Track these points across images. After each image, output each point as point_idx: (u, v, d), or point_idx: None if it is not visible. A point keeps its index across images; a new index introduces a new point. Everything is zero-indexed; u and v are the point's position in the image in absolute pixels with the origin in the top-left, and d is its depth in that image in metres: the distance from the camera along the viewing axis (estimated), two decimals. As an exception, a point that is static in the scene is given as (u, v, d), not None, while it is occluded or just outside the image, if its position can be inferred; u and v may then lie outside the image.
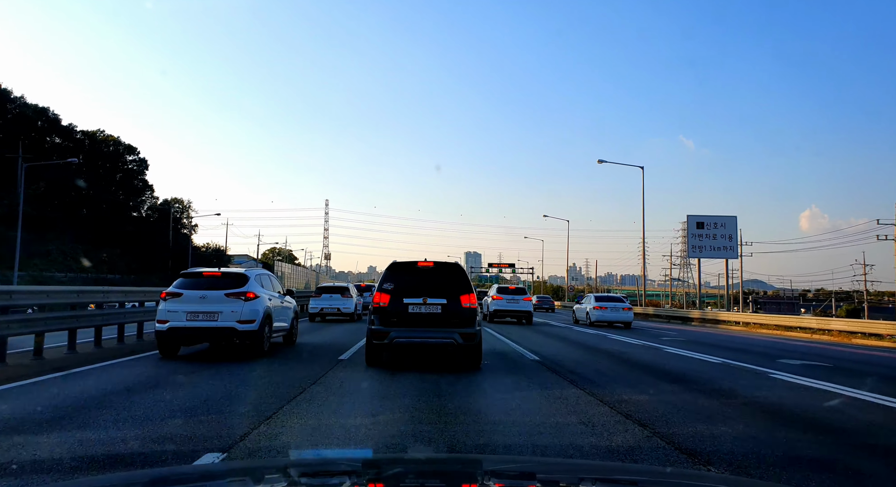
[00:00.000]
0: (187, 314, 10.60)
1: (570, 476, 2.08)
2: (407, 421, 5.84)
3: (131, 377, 8.52)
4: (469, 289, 9.91)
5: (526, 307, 26.02)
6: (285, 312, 12.96)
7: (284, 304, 13.00)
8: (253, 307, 10.96)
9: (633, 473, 2.54)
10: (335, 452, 4.86)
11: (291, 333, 13.48)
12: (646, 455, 4.79)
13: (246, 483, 1.93)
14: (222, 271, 11.54)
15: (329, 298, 24.31)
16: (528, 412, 6.35)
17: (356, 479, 1.88)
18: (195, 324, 10.57)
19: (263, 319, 11.12)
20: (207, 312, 10.65)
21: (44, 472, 4.14)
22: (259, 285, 11.61)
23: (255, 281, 11.46)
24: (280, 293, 12.96)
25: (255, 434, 5.14)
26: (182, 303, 10.68)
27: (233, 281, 11.21)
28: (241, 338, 10.78)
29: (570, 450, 4.89)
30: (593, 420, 5.99)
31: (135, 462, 4.34)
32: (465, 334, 9.54)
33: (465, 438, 5.20)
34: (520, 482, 1.96)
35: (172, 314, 10.61)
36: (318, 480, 1.94)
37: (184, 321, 10.56)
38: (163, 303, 10.83)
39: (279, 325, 12.40)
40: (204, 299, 10.73)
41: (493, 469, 2.14)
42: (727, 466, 4.54)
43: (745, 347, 17.18)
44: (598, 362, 11.80)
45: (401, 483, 1.81)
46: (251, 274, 11.55)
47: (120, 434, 5.10)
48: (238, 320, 10.73)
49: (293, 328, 13.57)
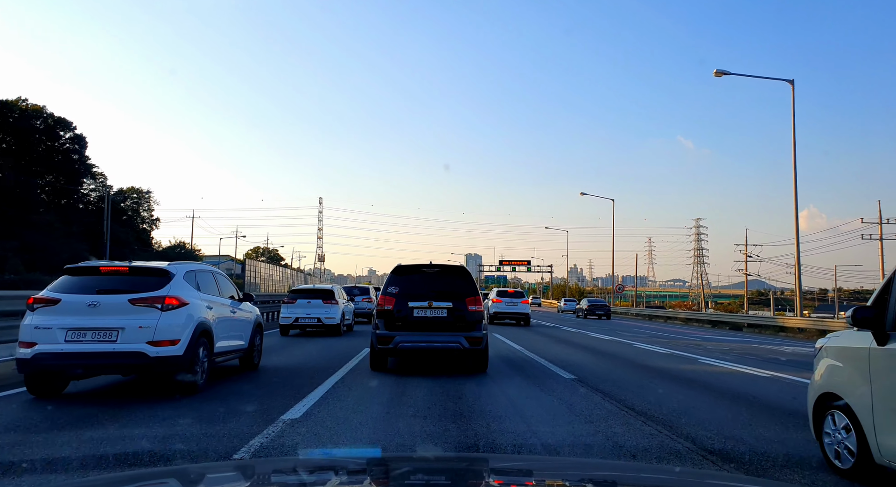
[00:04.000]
0: (67, 331, 6.97)
1: (577, 475, 2.12)
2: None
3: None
4: (475, 292, 9.91)
5: (524, 309, 27.18)
6: (239, 325, 9.64)
7: (239, 314, 9.65)
8: (175, 319, 7.39)
9: (640, 471, 2.64)
10: (344, 451, 5.01)
11: (251, 353, 10.07)
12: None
13: (255, 482, 1.96)
14: (131, 266, 7.86)
15: (306, 305, 18.53)
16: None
17: (364, 477, 1.95)
18: (79, 348, 6.93)
19: (195, 338, 7.58)
20: (100, 329, 7.02)
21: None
22: (191, 286, 8.05)
23: (182, 280, 7.88)
24: (235, 299, 9.72)
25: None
26: (60, 314, 7.05)
27: (146, 281, 7.62)
28: (157, 368, 7.22)
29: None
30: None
31: None
32: (471, 338, 9.50)
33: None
34: (528, 480, 1.98)
35: (42, 332, 6.95)
36: (326, 477, 1.97)
37: (60, 344, 6.92)
38: (29, 315, 7.16)
39: (228, 345, 9.04)
40: (96, 307, 7.11)
41: (501, 468, 2.20)
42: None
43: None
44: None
45: (408, 481, 1.86)
46: (177, 270, 7.96)
47: None
48: (150, 340, 7.14)
49: (253, 347, 10.12)
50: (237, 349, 9.52)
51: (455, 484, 1.90)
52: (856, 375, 4.61)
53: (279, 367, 10.84)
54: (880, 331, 4.35)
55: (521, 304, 27.25)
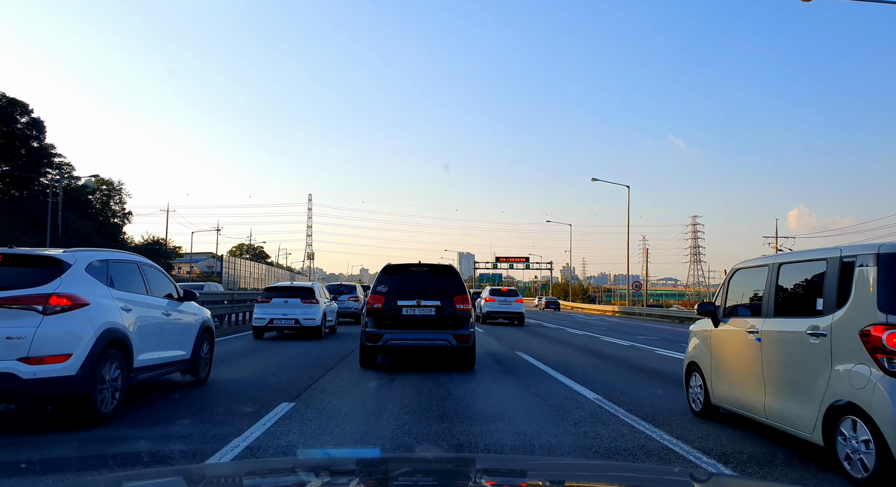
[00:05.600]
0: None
1: (573, 476, 2.18)
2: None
3: None
4: (463, 291, 10.21)
5: (518, 308, 26.44)
6: (176, 331, 7.79)
7: (176, 317, 7.78)
8: (65, 325, 5.44)
9: (629, 471, 2.73)
10: (343, 451, 5.05)
11: (195, 365, 8.19)
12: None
13: (254, 483, 2.01)
14: (6, 253, 5.82)
15: (283, 304, 16.51)
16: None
17: (363, 477, 1.98)
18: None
19: (97, 350, 5.63)
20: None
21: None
22: (97, 280, 6.11)
23: (83, 273, 5.94)
24: (175, 298, 7.95)
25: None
26: None
27: (27, 273, 5.67)
28: (34, 392, 5.30)
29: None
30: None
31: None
32: (458, 336, 9.76)
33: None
34: (524, 481, 2.02)
35: None
36: (324, 476, 1.98)
37: None
38: None
39: (158, 357, 7.14)
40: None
41: (497, 469, 2.25)
42: None
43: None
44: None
45: (407, 481, 1.89)
46: (76, 259, 5.97)
47: None
48: (23, 356, 5.17)
49: (198, 357, 8.25)
50: (174, 362, 7.68)
51: (454, 484, 1.95)
52: (704, 348, 6.79)
53: (235, 380, 8.98)
54: (715, 319, 6.53)
55: (514, 303, 26.67)
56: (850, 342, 4.40)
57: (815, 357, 4.77)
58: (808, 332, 4.88)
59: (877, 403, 4.08)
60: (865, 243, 8.50)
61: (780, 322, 5.41)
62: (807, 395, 4.82)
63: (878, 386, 4.11)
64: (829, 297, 4.78)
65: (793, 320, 5.23)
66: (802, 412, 4.85)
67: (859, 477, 4.24)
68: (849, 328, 4.45)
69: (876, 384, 4.13)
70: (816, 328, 4.80)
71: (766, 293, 5.71)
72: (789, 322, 5.27)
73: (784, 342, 5.29)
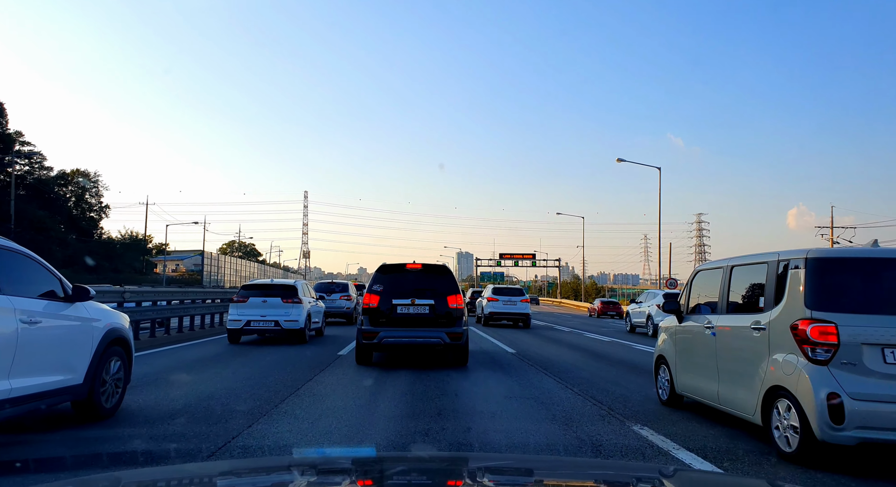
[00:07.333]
0: None
1: (572, 474, 2.24)
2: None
3: None
4: (456, 290, 10.58)
5: (523, 309, 24.44)
6: (54, 345, 5.65)
7: (53, 324, 5.64)
8: None
9: (624, 469, 2.72)
10: (338, 450, 5.16)
11: (91, 391, 5.98)
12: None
13: (249, 481, 2.04)
14: None
15: (261, 304, 14.74)
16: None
17: (359, 476, 2.02)
18: None
19: None
20: None
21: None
22: None
23: None
24: (59, 297, 5.86)
25: None
26: None
27: None
28: None
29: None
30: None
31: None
32: (452, 333, 10.12)
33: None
34: (524, 480, 2.07)
35: None
36: (320, 475, 2.01)
37: None
38: None
39: (12, 385, 5.01)
40: None
41: (495, 467, 2.30)
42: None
43: None
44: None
45: (405, 480, 1.96)
46: None
47: None
48: None
49: (95, 380, 6.02)
50: (48, 392, 5.46)
51: (454, 484, 1.99)
52: (670, 343, 7.58)
53: (166, 409, 6.70)
54: (679, 316, 7.32)
55: (520, 303, 24.48)
56: (784, 335, 5.17)
57: (757, 349, 5.55)
58: (752, 326, 5.66)
59: (801, 386, 4.87)
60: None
61: (731, 318, 6.20)
62: (750, 381, 5.59)
63: (803, 372, 4.89)
64: (769, 295, 5.57)
65: (741, 316, 6.02)
66: (747, 396, 5.62)
67: (788, 451, 5.03)
68: (783, 322, 5.22)
69: (801, 371, 4.91)
70: (758, 323, 5.57)
71: (720, 293, 6.50)
72: (738, 318, 6.05)
73: (733, 336, 6.07)
